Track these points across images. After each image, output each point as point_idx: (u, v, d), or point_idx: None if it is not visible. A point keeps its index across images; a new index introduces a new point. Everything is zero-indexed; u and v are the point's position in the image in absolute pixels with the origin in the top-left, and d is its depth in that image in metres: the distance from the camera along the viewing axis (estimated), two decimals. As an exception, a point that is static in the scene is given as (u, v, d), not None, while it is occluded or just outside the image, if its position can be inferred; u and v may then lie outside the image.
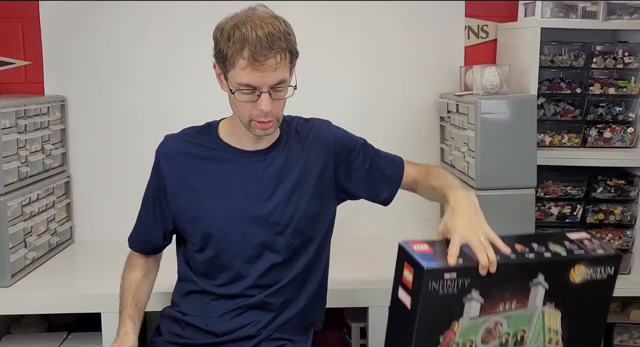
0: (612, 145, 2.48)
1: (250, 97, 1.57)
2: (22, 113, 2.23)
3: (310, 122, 1.81)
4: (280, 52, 1.54)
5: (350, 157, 1.78)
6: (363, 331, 2.35)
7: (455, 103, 2.37)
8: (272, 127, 1.63)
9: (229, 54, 1.55)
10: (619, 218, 2.48)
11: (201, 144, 1.73)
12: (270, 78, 1.55)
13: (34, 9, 2.54)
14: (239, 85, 1.56)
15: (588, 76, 2.46)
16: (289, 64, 1.59)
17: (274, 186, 1.70)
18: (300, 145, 1.74)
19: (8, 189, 2.12)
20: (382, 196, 1.84)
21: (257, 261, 1.70)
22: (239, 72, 1.54)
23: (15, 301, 2.07)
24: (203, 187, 1.70)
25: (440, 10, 2.62)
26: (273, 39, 1.53)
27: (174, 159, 1.73)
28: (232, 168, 1.70)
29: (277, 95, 1.59)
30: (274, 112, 1.60)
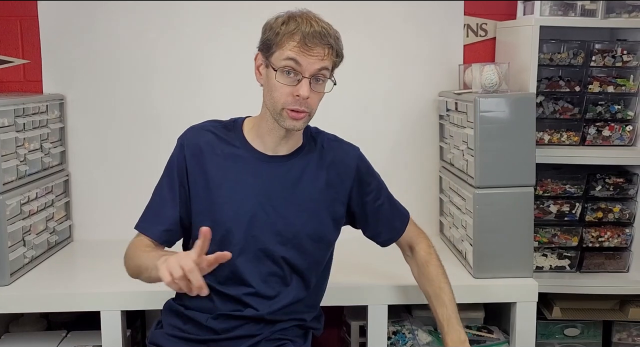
0: (610, 143, 2.49)
1: (290, 81, 1.59)
2: (20, 111, 2.23)
3: (339, 142, 1.83)
4: (330, 47, 1.60)
5: (365, 190, 1.81)
6: (362, 329, 2.35)
7: (454, 101, 2.37)
8: (302, 121, 1.63)
9: (279, 36, 1.59)
10: (617, 216, 2.49)
11: (225, 139, 1.73)
12: (315, 65, 1.58)
13: (33, 7, 2.54)
14: (285, 60, 1.58)
15: (587, 74, 2.46)
16: (333, 63, 1.64)
17: (286, 195, 1.70)
18: (322, 162, 1.75)
19: (7, 187, 2.12)
20: (380, 238, 1.90)
21: (258, 265, 1.70)
22: (287, 51, 1.58)
23: (14, 300, 2.07)
24: (217, 183, 1.70)
25: (439, 9, 2.61)
26: (325, 34, 1.60)
27: (197, 148, 1.72)
28: (249, 169, 1.70)
29: (317, 86, 1.62)
30: (309, 104, 1.61)
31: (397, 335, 2.20)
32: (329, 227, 1.77)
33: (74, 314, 2.38)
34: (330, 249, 1.83)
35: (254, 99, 2.70)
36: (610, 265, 2.52)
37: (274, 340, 1.73)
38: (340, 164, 1.77)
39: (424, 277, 1.88)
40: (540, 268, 2.48)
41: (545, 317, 2.52)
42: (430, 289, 1.85)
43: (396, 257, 2.39)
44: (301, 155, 1.74)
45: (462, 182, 2.29)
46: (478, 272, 2.16)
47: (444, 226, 2.61)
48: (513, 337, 2.15)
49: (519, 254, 2.15)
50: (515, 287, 2.12)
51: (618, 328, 2.56)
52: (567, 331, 2.54)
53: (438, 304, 1.82)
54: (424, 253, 1.89)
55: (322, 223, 1.75)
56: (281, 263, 1.71)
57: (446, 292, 1.82)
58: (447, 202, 2.51)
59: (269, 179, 1.70)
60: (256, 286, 1.71)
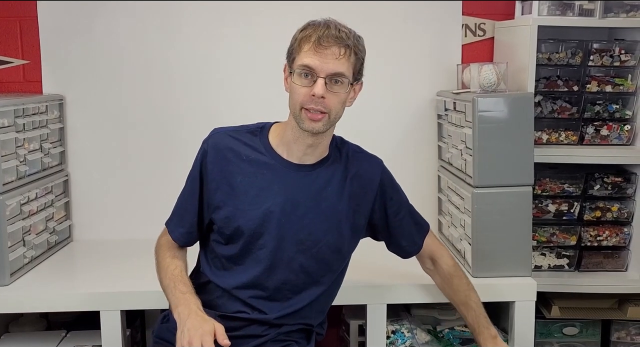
0: (609, 142, 2.49)
1: (307, 81, 1.61)
2: (20, 112, 2.24)
3: (363, 154, 1.83)
4: (347, 47, 1.61)
5: (387, 203, 1.83)
6: (361, 328, 2.36)
7: (453, 101, 2.37)
8: (321, 123, 1.63)
9: (297, 41, 1.62)
10: (616, 215, 2.49)
11: (250, 144, 1.73)
12: (329, 65, 1.59)
13: (32, 8, 2.55)
14: (299, 67, 1.60)
15: (585, 74, 2.47)
16: (354, 66, 1.64)
17: (311, 205, 1.71)
18: (346, 173, 1.76)
19: (7, 188, 2.13)
20: (402, 251, 1.93)
21: (276, 272, 1.71)
22: (302, 56, 1.60)
23: (14, 300, 2.07)
24: (242, 190, 1.70)
25: (437, 9, 2.62)
26: (342, 34, 1.61)
27: (221, 154, 1.72)
28: (274, 177, 1.70)
29: (334, 87, 1.61)
30: (327, 104, 1.61)
31: (396, 334, 2.20)
32: (349, 238, 1.78)
33: (73, 313, 2.38)
34: (347, 260, 1.84)
35: (255, 99, 2.72)
36: (609, 264, 2.52)
37: (279, 341, 1.74)
38: (364, 176, 1.78)
39: (450, 289, 1.92)
40: (538, 267, 2.49)
41: (544, 316, 2.53)
42: (457, 298, 1.91)
43: (395, 257, 2.39)
44: (326, 166, 1.74)
45: (460, 182, 2.30)
46: (477, 272, 2.16)
47: (442, 225, 2.61)
48: (512, 336, 2.16)
49: (517, 253, 2.16)
50: (514, 286, 2.13)
51: (617, 327, 2.56)
52: (565, 330, 2.54)
53: (466, 310, 1.87)
54: (448, 267, 1.92)
55: (342, 234, 1.75)
56: (298, 272, 1.72)
57: (473, 299, 1.87)
58: (446, 201, 2.52)
59: (295, 187, 1.70)
60: (269, 292, 1.72)
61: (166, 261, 1.75)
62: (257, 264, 1.71)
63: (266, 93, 2.57)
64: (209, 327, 1.53)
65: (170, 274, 1.71)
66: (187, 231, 1.78)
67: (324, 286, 1.78)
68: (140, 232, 2.49)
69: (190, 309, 1.58)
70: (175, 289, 1.66)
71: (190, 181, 1.77)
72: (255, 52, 2.60)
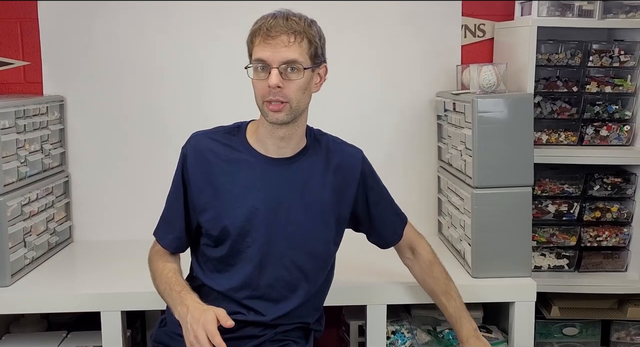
0: (608, 143, 2.49)
1: (263, 74, 1.60)
2: (21, 113, 2.24)
3: (344, 145, 1.83)
4: (295, 33, 1.59)
5: (369, 194, 1.83)
6: (361, 328, 2.36)
7: (452, 102, 2.38)
8: (283, 113, 1.62)
9: (249, 36, 1.63)
10: (615, 216, 2.50)
11: (229, 144, 1.74)
12: (280, 54, 1.58)
13: (33, 9, 2.55)
14: (254, 62, 1.61)
15: (584, 74, 2.47)
16: (307, 51, 1.62)
17: (295, 199, 1.71)
18: (328, 164, 1.76)
19: (7, 188, 2.13)
20: (382, 241, 1.94)
21: (267, 269, 1.71)
22: (255, 50, 1.61)
23: (14, 300, 2.08)
24: (225, 189, 1.70)
25: (437, 9, 2.62)
26: (290, 22, 1.60)
27: (201, 156, 1.73)
28: (255, 174, 1.70)
29: (290, 75, 1.60)
30: (284, 93, 1.60)
31: (396, 334, 2.21)
32: (335, 230, 1.78)
33: (74, 314, 2.39)
34: (336, 251, 1.84)
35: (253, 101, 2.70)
36: (609, 264, 2.52)
37: (277, 341, 1.75)
38: (346, 167, 1.78)
39: (430, 277, 1.92)
40: (538, 268, 2.49)
41: (543, 316, 2.53)
42: (437, 287, 1.90)
43: (395, 257, 2.40)
44: (306, 157, 1.74)
45: (460, 182, 2.30)
46: (476, 272, 2.16)
47: (442, 226, 2.62)
48: (512, 336, 2.16)
49: (517, 253, 2.16)
50: (514, 286, 2.13)
51: (616, 327, 2.56)
52: (565, 330, 2.54)
53: (447, 300, 1.87)
54: (427, 254, 1.93)
55: (329, 226, 1.76)
56: (290, 267, 1.73)
57: (453, 288, 1.88)
58: (446, 201, 2.52)
59: (277, 182, 1.70)
60: (263, 291, 1.72)
61: (159, 267, 1.75)
62: (247, 262, 1.71)
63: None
64: (210, 315, 1.52)
65: (164, 278, 1.71)
66: (176, 237, 1.78)
67: (316, 282, 1.78)
68: (141, 232, 2.46)
69: (187, 305, 1.58)
70: (172, 290, 1.66)
71: (173, 187, 1.78)
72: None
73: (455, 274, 2.20)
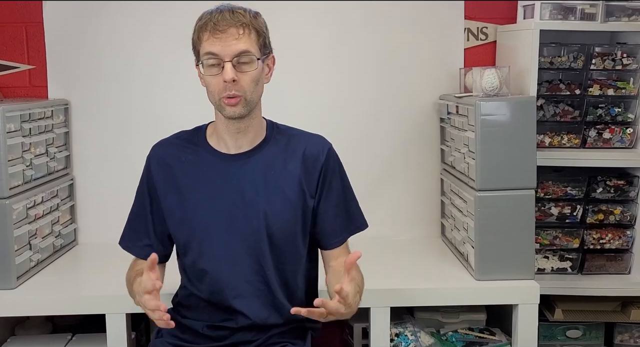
0: (611, 146, 2.50)
1: (216, 70, 1.61)
2: (26, 117, 2.25)
3: (308, 135, 1.80)
4: (243, 26, 1.60)
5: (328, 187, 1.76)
6: (365, 331, 2.36)
7: (455, 105, 2.39)
8: (240, 106, 1.62)
9: (196, 33, 1.62)
10: (618, 218, 2.50)
11: (189, 147, 1.76)
12: (232, 47, 1.58)
13: (38, 13, 2.56)
14: (204, 56, 1.60)
15: (587, 77, 2.48)
16: (257, 42, 1.62)
17: (258, 190, 1.70)
18: (291, 155, 1.73)
19: (13, 192, 2.14)
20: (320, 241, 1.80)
21: (240, 265, 1.71)
22: (204, 45, 1.60)
23: (20, 303, 2.09)
24: (189, 190, 1.72)
25: (439, 13, 2.63)
26: (235, 14, 1.60)
27: (163, 162, 1.76)
28: (215, 172, 1.72)
29: (243, 67, 1.61)
30: (240, 87, 1.61)
31: (399, 337, 2.21)
32: (303, 220, 1.74)
33: (79, 317, 2.40)
34: (306, 241, 1.78)
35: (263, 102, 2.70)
36: (612, 267, 2.53)
37: (272, 344, 1.75)
38: (311, 159, 1.74)
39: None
40: (541, 270, 2.49)
41: (547, 319, 2.53)
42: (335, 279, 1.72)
43: (398, 260, 2.41)
44: (266, 148, 1.73)
45: (463, 185, 2.31)
46: (480, 275, 2.17)
47: (445, 228, 2.62)
48: (515, 339, 2.16)
49: (520, 256, 2.16)
50: (517, 289, 2.13)
51: (620, 330, 2.56)
52: (569, 332, 2.54)
53: None
54: None
55: (296, 213, 1.73)
56: (261, 260, 1.71)
57: None
58: (449, 204, 2.53)
59: (238, 177, 1.71)
60: (240, 287, 1.71)
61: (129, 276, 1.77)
62: (218, 263, 1.71)
63: (273, 98, 2.59)
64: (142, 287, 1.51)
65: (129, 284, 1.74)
66: (145, 244, 1.79)
67: (293, 273, 1.76)
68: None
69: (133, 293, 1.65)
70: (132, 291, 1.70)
71: (138, 195, 1.81)
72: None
73: (458, 277, 2.22)
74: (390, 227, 2.67)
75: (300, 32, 2.60)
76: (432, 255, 2.50)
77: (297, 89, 2.61)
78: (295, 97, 2.60)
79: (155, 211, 1.77)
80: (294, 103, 2.59)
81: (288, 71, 2.59)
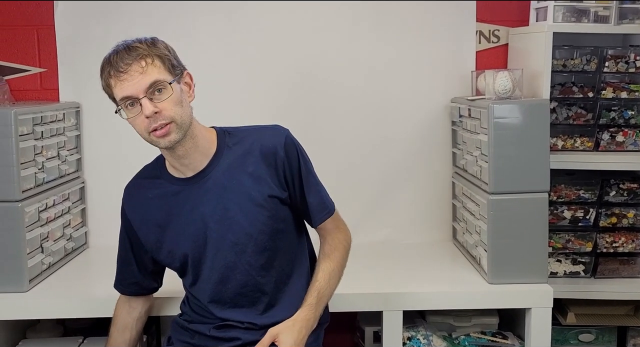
0: (624, 149, 2.48)
1: (136, 110, 1.58)
2: (38, 120, 2.25)
3: (260, 131, 1.75)
4: (144, 57, 1.57)
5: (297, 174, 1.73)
6: (376, 335, 2.36)
7: (467, 108, 2.38)
8: (173, 133, 1.59)
9: (104, 81, 1.61)
10: (632, 221, 2.48)
11: (153, 181, 1.76)
12: (140, 82, 1.56)
13: (49, 16, 2.57)
14: (121, 102, 1.59)
15: (600, 80, 2.47)
16: (163, 68, 1.59)
17: (225, 204, 1.68)
18: (249, 156, 1.70)
19: (25, 195, 2.15)
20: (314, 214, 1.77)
21: (229, 281, 1.71)
22: (116, 91, 1.58)
23: (31, 306, 2.09)
24: (166, 222, 1.72)
25: (451, 15, 2.62)
26: (132, 49, 1.58)
27: (136, 203, 1.78)
28: (182, 198, 1.71)
29: (159, 97, 1.58)
30: (164, 115, 1.58)
31: (411, 341, 2.20)
32: (278, 213, 1.71)
33: (90, 320, 2.39)
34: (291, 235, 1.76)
35: (270, 105, 2.72)
36: (625, 270, 2.51)
37: None
38: (269, 150, 1.69)
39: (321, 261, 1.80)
40: (554, 274, 2.48)
41: (559, 322, 2.52)
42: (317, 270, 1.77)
43: (410, 264, 2.40)
44: (222, 160, 1.70)
45: (476, 188, 2.30)
46: (492, 278, 2.16)
47: (457, 232, 2.61)
48: (528, 343, 2.15)
49: (533, 259, 2.15)
50: (530, 292, 2.12)
51: (633, 334, 2.55)
52: (581, 336, 2.53)
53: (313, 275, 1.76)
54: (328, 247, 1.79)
55: (272, 211, 1.69)
56: (249, 269, 1.70)
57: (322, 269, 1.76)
58: (461, 207, 2.52)
59: (202, 197, 1.69)
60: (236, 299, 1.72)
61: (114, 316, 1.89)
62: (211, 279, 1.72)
63: (277, 101, 2.60)
64: None
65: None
66: (132, 282, 1.86)
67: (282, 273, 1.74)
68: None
69: None
70: None
71: (120, 240, 1.84)
72: (271, 61, 2.61)
73: (470, 280, 2.22)
74: (402, 230, 2.66)
75: (312, 35, 2.60)
76: (444, 258, 2.49)
77: (307, 93, 2.61)
78: (304, 101, 2.60)
79: (137, 253, 1.81)
80: (304, 107, 2.59)
81: (299, 74, 2.61)
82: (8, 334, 2.28)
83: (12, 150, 2.08)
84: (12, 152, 2.08)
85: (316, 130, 2.56)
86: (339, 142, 2.62)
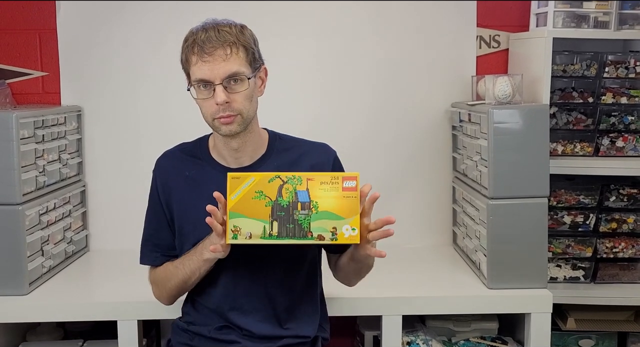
0: (624, 154, 2.48)
1: (207, 93, 1.59)
2: (40, 123, 2.26)
3: (312, 146, 1.78)
4: (231, 44, 1.57)
5: None
6: (376, 339, 2.36)
7: (468, 112, 2.38)
8: (235, 124, 1.61)
9: (184, 54, 1.61)
10: (632, 227, 2.48)
11: (192, 159, 1.76)
12: (220, 69, 1.56)
13: (51, 20, 2.58)
14: (195, 82, 1.59)
15: (600, 85, 2.47)
16: (246, 59, 1.60)
17: None
18: (295, 167, 1.71)
19: (26, 198, 2.15)
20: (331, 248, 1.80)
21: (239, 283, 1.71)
22: (194, 69, 1.59)
23: (31, 309, 2.10)
24: (192, 205, 1.71)
25: (452, 20, 2.63)
26: (221, 33, 1.57)
27: (168, 176, 1.76)
28: (218, 186, 1.67)
29: (234, 88, 1.59)
30: (233, 106, 1.59)
31: (411, 345, 2.20)
32: None
33: (90, 323, 2.40)
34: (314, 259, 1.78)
35: (272, 110, 2.72)
36: (625, 276, 2.51)
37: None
38: (317, 168, 1.72)
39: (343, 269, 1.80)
40: (554, 279, 2.48)
41: (559, 328, 2.52)
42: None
43: (410, 268, 2.40)
44: (268, 162, 1.72)
45: (475, 193, 2.30)
46: (492, 283, 2.16)
47: (457, 236, 2.61)
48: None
49: (533, 264, 2.15)
50: (530, 298, 2.12)
51: (633, 339, 2.54)
52: (581, 342, 2.53)
53: None
54: None
55: None
56: (266, 275, 1.71)
57: None
58: (461, 212, 2.52)
59: None
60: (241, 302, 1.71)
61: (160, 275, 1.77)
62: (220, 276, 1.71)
63: (277, 103, 2.60)
64: None
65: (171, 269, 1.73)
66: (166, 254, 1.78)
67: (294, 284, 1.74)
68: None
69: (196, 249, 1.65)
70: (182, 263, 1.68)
71: (151, 207, 1.79)
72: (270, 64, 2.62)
73: (470, 285, 2.22)
74: (402, 235, 2.61)
75: (311, 40, 2.61)
76: (443, 263, 2.49)
77: (308, 97, 2.62)
78: (306, 105, 2.61)
79: (169, 221, 1.78)
80: (305, 111, 2.60)
81: (300, 79, 2.61)
82: (8, 337, 2.28)
83: (13, 154, 2.09)
84: (13, 155, 2.09)
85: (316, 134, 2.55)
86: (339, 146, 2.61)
